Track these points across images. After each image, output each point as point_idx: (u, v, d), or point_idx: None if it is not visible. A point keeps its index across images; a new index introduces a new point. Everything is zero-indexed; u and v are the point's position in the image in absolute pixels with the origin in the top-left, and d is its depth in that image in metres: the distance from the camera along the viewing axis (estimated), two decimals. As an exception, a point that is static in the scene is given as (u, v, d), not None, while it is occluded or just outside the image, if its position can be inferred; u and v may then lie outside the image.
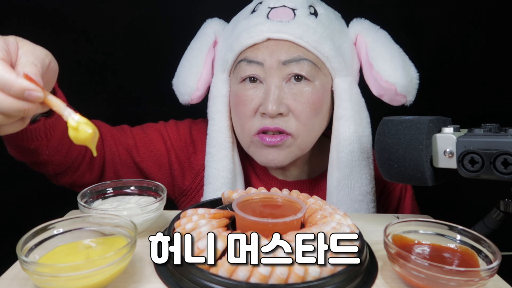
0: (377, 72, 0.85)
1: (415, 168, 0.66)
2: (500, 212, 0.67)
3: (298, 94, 0.83)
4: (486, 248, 0.56)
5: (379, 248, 0.62)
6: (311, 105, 0.84)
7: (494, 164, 0.59)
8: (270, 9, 0.86)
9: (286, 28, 0.82)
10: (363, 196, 0.88)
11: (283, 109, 0.82)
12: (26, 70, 0.50)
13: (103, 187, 0.71)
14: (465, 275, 0.49)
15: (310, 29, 0.83)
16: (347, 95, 0.86)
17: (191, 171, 0.98)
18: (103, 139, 0.91)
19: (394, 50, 0.87)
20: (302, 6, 0.86)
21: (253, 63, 0.84)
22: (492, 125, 0.63)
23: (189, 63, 0.94)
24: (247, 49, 0.85)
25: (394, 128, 0.68)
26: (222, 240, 0.52)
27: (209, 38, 0.95)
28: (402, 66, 0.85)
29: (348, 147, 0.86)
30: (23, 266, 0.47)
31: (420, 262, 0.50)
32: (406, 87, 0.84)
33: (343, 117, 0.86)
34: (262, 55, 0.83)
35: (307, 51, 0.83)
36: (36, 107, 0.52)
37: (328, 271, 0.50)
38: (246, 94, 0.85)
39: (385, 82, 0.84)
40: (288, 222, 0.56)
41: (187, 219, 0.59)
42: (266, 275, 0.47)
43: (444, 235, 0.61)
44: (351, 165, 0.87)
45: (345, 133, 0.86)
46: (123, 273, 0.54)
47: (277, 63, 0.82)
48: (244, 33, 0.85)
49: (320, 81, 0.85)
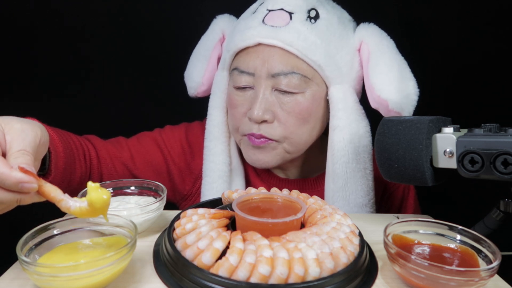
0: (371, 85, 0.83)
1: (415, 168, 0.66)
2: (500, 212, 0.67)
3: (284, 103, 0.83)
4: (486, 248, 0.56)
5: (379, 248, 0.62)
6: (298, 114, 0.83)
7: (494, 164, 0.59)
8: (268, 11, 0.85)
9: (276, 34, 0.81)
10: (359, 208, 0.87)
11: (268, 116, 0.82)
12: (19, 161, 0.50)
13: (103, 188, 0.71)
14: (465, 275, 0.49)
15: (300, 36, 0.81)
16: (342, 104, 0.84)
17: (191, 176, 0.98)
18: (99, 157, 0.91)
19: (394, 62, 0.84)
20: (301, 10, 0.84)
21: (244, 74, 0.84)
22: (492, 125, 0.63)
23: (196, 58, 0.98)
24: (241, 53, 0.86)
25: (394, 128, 0.68)
26: (222, 240, 0.52)
27: (216, 35, 0.96)
28: (398, 81, 0.82)
29: (343, 159, 0.85)
30: (23, 266, 0.47)
31: (420, 262, 0.50)
32: (399, 104, 0.81)
33: (337, 127, 0.85)
34: (253, 63, 0.83)
35: (298, 59, 0.82)
36: (31, 197, 0.51)
37: (328, 271, 0.50)
38: (237, 99, 0.87)
39: (377, 96, 0.82)
40: (288, 222, 0.56)
41: (187, 219, 0.59)
42: (266, 275, 0.47)
43: (444, 235, 0.61)
44: (345, 177, 0.85)
45: (339, 144, 0.85)
46: (123, 273, 0.54)
47: (267, 75, 0.82)
48: (238, 35, 0.85)
49: (310, 91, 0.83)
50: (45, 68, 1.30)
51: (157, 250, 0.60)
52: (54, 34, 1.27)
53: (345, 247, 0.54)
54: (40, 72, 1.31)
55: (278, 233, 0.56)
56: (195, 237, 0.53)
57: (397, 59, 0.85)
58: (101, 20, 1.31)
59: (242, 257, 0.49)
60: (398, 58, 0.85)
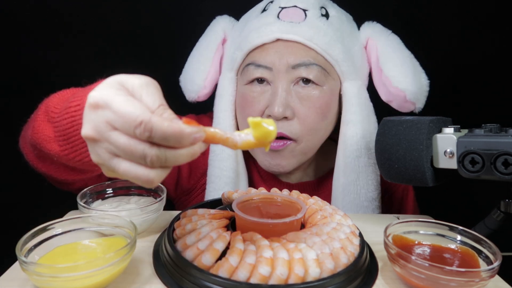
0: (387, 78, 0.84)
1: (415, 169, 0.66)
2: (500, 212, 0.67)
3: (305, 98, 0.82)
4: (486, 249, 0.56)
5: (379, 249, 0.62)
6: (318, 109, 0.83)
7: (494, 164, 0.59)
8: (281, 9, 0.84)
9: (296, 29, 0.81)
10: (369, 202, 0.87)
11: (288, 113, 0.81)
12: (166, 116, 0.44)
13: (102, 188, 0.71)
14: (465, 276, 0.49)
15: (320, 31, 0.81)
16: (356, 100, 0.85)
17: (197, 170, 0.96)
18: None
19: (405, 56, 0.86)
20: (314, 7, 0.85)
21: (261, 67, 0.83)
22: (492, 126, 0.63)
23: (197, 60, 0.93)
24: (256, 50, 0.84)
25: (395, 129, 0.68)
26: (222, 241, 0.52)
27: (217, 36, 0.93)
28: (413, 73, 0.84)
29: (355, 153, 0.85)
30: (23, 267, 0.47)
31: (420, 263, 0.50)
32: (416, 94, 0.83)
33: (350, 122, 0.85)
34: (271, 58, 0.82)
35: (317, 54, 0.82)
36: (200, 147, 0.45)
37: (328, 271, 0.50)
38: (253, 96, 0.85)
39: (395, 88, 0.83)
40: (288, 222, 0.56)
41: (187, 219, 0.59)
42: (266, 275, 0.47)
43: (444, 235, 0.61)
44: (357, 171, 0.86)
45: (352, 139, 0.85)
46: (123, 274, 0.54)
47: (286, 67, 0.81)
48: (254, 32, 0.84)
49: (328, 85, 0.84)
50: (40, 67, 1.30)
51: (157, 251, 0.60)
52: (53, 34, 1.27)
53: (345, 248, 0.54)
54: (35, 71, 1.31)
55: (278, 233, 0.56)
56: (195, 238, 0.53)
57: (407, 53, 0.87)
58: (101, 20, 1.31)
59: (242, 258, 0.49)
60: (408, 52, 0.87)
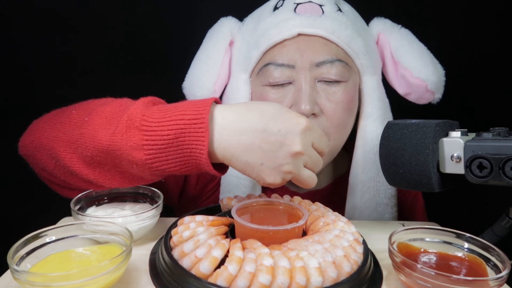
0: (406, 69, 0.84)
1: (421, 174, 0.65)
2: (509, 219, 0.66)
3: (331, 93, 0.80)
4: (495, 257, 0.55)
5: (383, 257, 0.61)
6: (345, 104, 0.81)
7: (503, 169, 0.58)
8: (296, 5, 0.83)
9: (318, 22, 0.80)
10: (388, 199, 0.86)
11: (316, 109, 0.79)
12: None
13: (97, 194, 0.70)
14: (473, 285, 0.49)
15: (342, 25, 0.81)
16: (376, 94, 0.85)
17: (204, 177, 0.93)
18: None
19: (421, 47, 0.87)
20: (329, 2, 0.84)
21: (283, 67, 0.80)
22: (501, 129, 0.62)
23: (204, 64, 0.88)
24: (274, 48, 0.82)
25: (400, 132, 0.67)
26: (220, 248, 0.51)
27: (226, 37, 0.90)
28: (432, 63, 0.85)
29: (376, 148, 0.83)
30: (14, 275, 0.46)
31: (426, 271, 0.50)
32: (436, 83, 0.83)
33: (371, 116, 0.85)
34: (292, 55, 0.80)
35: (338, 48, 0.81)
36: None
37: (330, 280, 0.49)
38: (274, 97, 0.82)
39: (416, 78, 0.83)
40: (290, 229, 0.55)
41: (185, 226, 0.58)
42: (266, 284, 0.47)
43: (451, 243, 0.61)
44: (377, 166, 0.83)
45: (373, 133, 0.84)
46: (118, 283, 0.53)
47: (310, 64, 0.79)
48: (272, 29, 0.82)
49: (352, 79, 0.83)
50: (38, 68, 1.30)
51: (153, 259, 0.59)
52: (50, 34, 1.27)
53: (349, 256, 0.53)
54: (33, 73, 1.31)
55: (279, 241, 0.55)
56: (193, 245, 0.53)
57: (421, 45, 0.88)
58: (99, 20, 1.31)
59: (242, 266, 0.48)
60: (422, 44, 0.88)
